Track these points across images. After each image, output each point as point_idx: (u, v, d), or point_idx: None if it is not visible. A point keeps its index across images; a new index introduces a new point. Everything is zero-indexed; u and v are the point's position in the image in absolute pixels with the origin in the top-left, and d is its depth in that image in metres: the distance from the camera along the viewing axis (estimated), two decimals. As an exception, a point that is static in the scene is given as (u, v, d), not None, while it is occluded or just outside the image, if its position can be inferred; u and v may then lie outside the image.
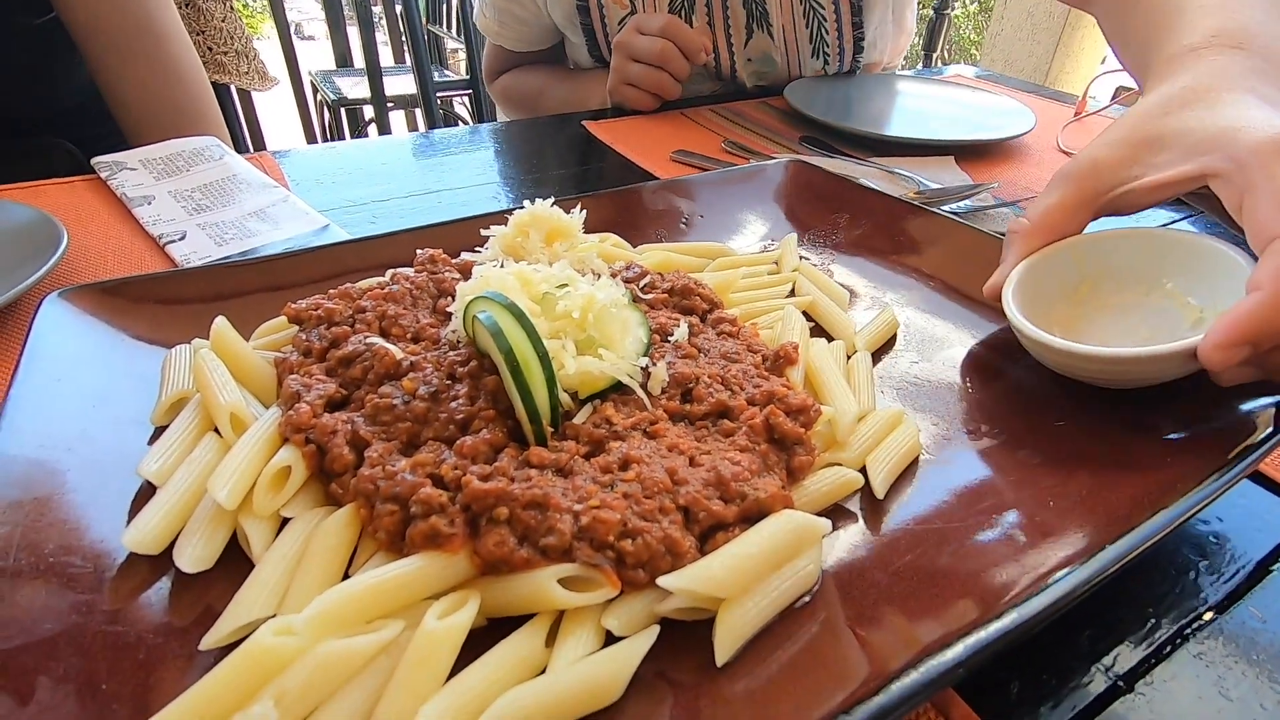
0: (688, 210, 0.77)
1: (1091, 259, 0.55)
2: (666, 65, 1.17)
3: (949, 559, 0.38)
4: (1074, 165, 0.56)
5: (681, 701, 0.32)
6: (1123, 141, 0.55)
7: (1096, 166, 0.55)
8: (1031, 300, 0.53)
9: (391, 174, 0.97)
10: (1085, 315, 0.53)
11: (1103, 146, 0.55)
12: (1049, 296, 0.54)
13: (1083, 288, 0.55)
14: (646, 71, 1.18)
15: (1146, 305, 0.53)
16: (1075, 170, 0.56)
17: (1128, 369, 0.47)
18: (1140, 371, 0.47)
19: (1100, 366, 0.47)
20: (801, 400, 0.44)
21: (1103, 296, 0.55)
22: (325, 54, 3.41)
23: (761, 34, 1.32)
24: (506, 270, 0.48)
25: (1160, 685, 0.38)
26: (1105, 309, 0.54)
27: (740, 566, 0.34)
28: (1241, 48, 0.58)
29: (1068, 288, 0.55)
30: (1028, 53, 3.49)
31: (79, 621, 0.33)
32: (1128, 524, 0.37)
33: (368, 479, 0.38)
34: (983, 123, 1.16)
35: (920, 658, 0.30)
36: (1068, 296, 0.55)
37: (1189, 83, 0.55)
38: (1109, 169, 0.54)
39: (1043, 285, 0.54)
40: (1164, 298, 0.53)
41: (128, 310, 0.54)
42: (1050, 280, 0.55)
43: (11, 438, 0.41)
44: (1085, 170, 0.55)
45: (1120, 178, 0.53)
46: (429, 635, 0.31)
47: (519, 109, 1.55)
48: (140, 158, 0.91)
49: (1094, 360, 0.46)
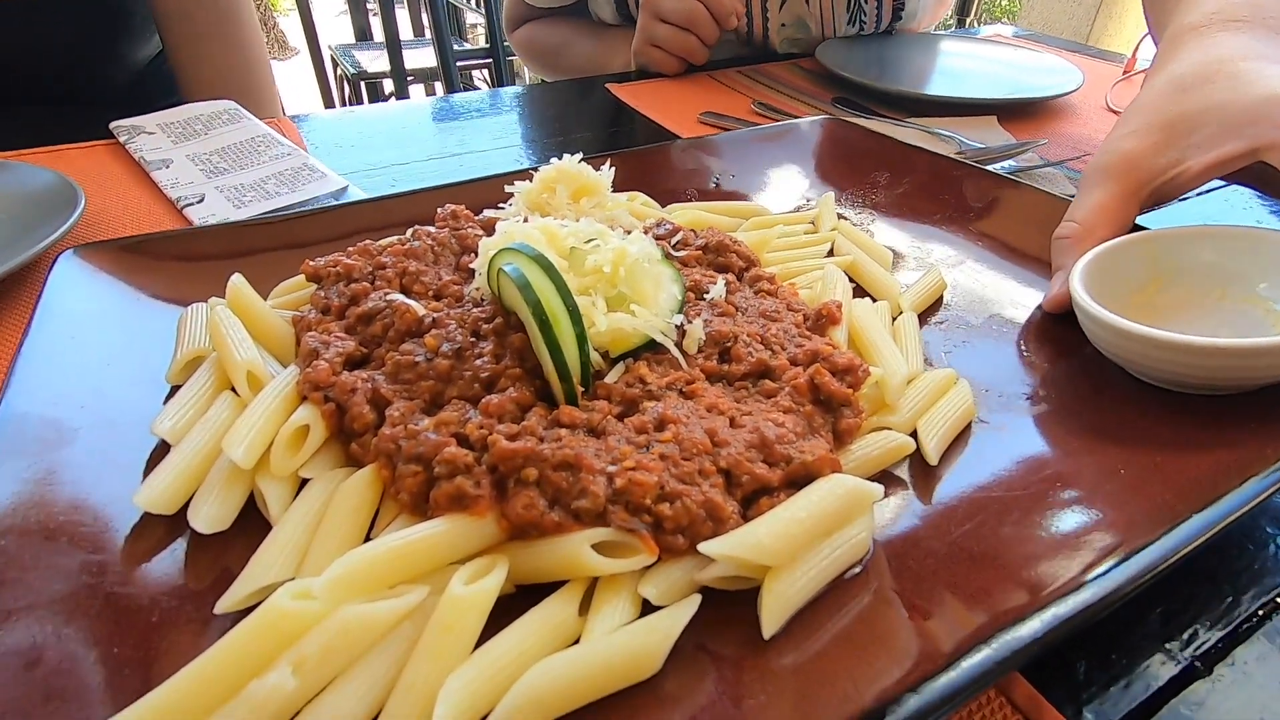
0: (718, 169, 0.74)
1: (1166, 256, 0.50)
2: (695, 28, 1.12)
3: (1011, 530, 0.35)
4: (1106, 160, 0.54)
5: (725, 676, 0.29)
6: (1150, 128, 0.53)
7: (1131, 158, 0.53)
8: (1097, 296, 0.47)
9: (412, 138, 0.94)
10: (1158, 316, 0.47)
11: (1129, 137, 0.54)
12: (1115, 293, 0.48)
13: (1150, 286, 0.50)
14: (673, 33, 1.13)
15: (1225, 308, 0.49)
16: (1109, 165, 0.54)
17: (1223, 364, 0.41)
18: (1234, 368, 0.41)
19: (1191, 360, 0.41)
20: (849, 359, 0.41)
21: (1176, 296, 0.50)
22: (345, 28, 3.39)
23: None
24: (532, 224, 0.45)
25: (1241, 668, 0.34)
26: (1179, 309, 0.49)
27: (788, 533, 0.32)
28: (1244, 21, 0.57)
29: (1135, 285, 0.50)
30: (1068, 14, 3.35)
31: (90, 583, 0.31)
32: (1213, 493, 0.34)
33: (389, 438, 0.36)
34: (1026, 81, 1.10)
35: (991, 633, 0.27)
36: (1135, 294, 0.50)
37: (1200, 59, 0.54)
38: (1145, 158, 0.52)
39: (1109, 281, 0.49)
40: (1244, 300, 0.48)
41: (144, 268, 0.52)
42: (1117, 277, 0.50)
43: (23, 395, 0.39)
44: (1120, 164, 0.53)
45: (1159, 165, 0.52)
46: (455, 601, 0.29)
47: (539, 61, 1.50)
48: (158, 121, 0.89)
49: (1186, 351, 0.41)
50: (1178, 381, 0.44)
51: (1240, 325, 0.48)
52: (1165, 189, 0.52)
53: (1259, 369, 0.41)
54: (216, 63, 1.10)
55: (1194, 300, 0.50)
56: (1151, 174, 0.52)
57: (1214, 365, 0.41)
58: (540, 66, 1.50)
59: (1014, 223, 0.61)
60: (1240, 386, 0.43)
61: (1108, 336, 0.45)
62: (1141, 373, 0.45)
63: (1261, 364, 0.40)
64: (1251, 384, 0.43)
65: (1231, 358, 0.40)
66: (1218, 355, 0.40)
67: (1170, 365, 0.43)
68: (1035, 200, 0.61)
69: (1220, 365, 0.41)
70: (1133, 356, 0.45)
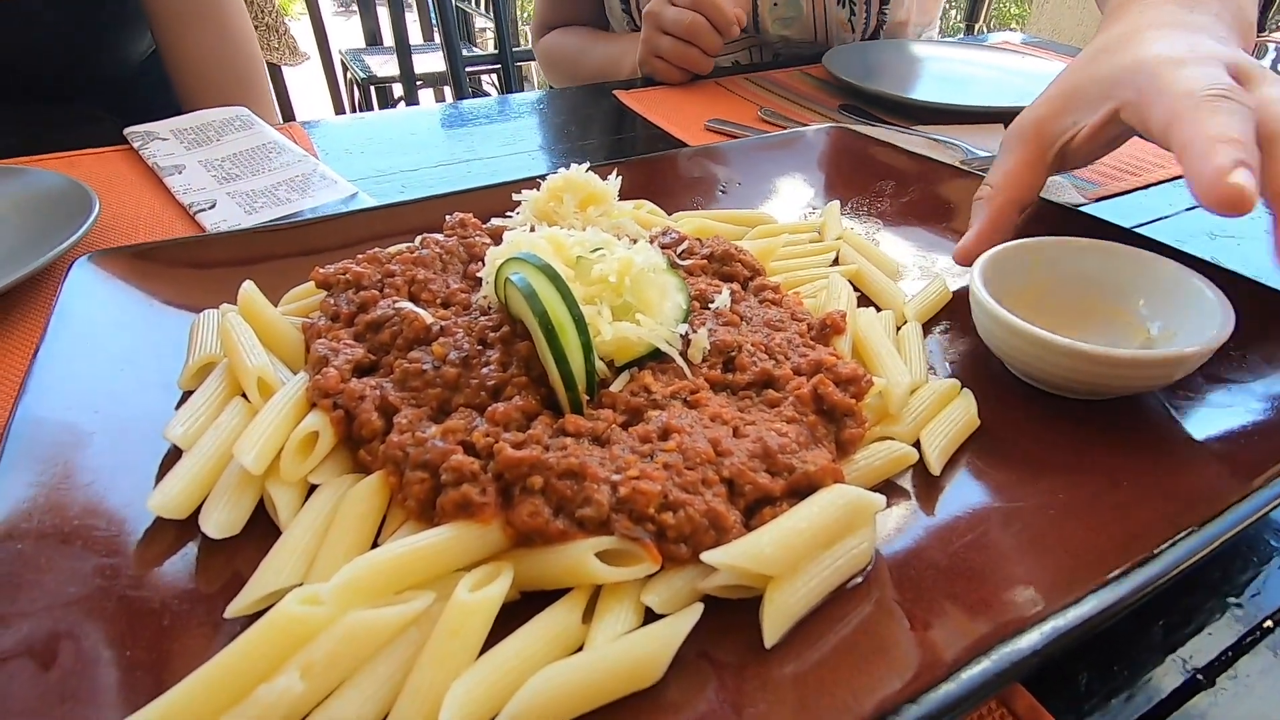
0: (724, 177, 0.74)
1: (1045, 265, 0.52)
2: (696, 40, 1.12)
3: (1014, 540, 0.36)
4: (1019, 125, 0.57)
5: (727, 684, 0.30)
6: (1056, 95, 0.56)
7: (1039, 123, 0.56)
8: (993, 294, 0.48)
9: (421, 144, 0.95)
10: (1034, 320, 0.47)
11: (1042, 103, 0.57)
12: (1006, 292, 0.49)
13: (1028, 293, 0.52)
14: (675, 45, 1.13)
15: (1095, 319, 0.51)
16: (1021, 129, 0.57)
17: (1081, 367, 0.43)
18: (1114, 376, 0.43)
19: (1061, 361, 0.43)
20: (852, 370, 0.41)
21: (1049, 303, 0.52)
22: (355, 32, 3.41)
23: None
24: (538, 234, 0.46)
25: (1244, 680, 0.34)
26: (1051, 315, 0.50)
27: (790, 542, 0.32)
28: None
29: (1017, 289, 0.51)
30: (1077, 21, 3.35)
31: (103, 586, 0.32)
32: (1215, 505, 0.34)
33: (397, 445, 0.36)
34: (1032, 89, 1.09)
35: (992, 644, 0.27)
36: (1015, 298, 0.51)
37: (1120, 29, 0.55)
38: (1047, 123, 0.55)
39: (1001, 281, 0.50)
40: (1113, 314, 0.51)
41: (157, 274, 0.53)
42: (1005, 279, 0.51)
43: (39, 399, 0.40)
44: (1029, 128, 0.56)
45: (1057, 130, 0.55)
46: (461, 607, 0.29)
47: (558, 70, 1.51)
48: (171, 128, 0.90)
49: (1060, 353, 0.43)
50: (1047, 380, 0.46)
51: (1110, 337, 0.50)
52: (1067, 153, 0.55)
53: (1114, 377, 0.43)
54: (203, 45, 1.10)
55: (1067, 308, 0.52)
56: (1052, 138, 0.55)
57: (1075, 368, 0.43)
58: (559, 75, 1.51)
59: (1017, 232, 0.61)
60: (1094, 392, 0.45)
61: (996, 331, 0.47)
62: (1018, 369, 0.48)
63: (1132, 374, 0.43)
64: (1107, 392, 0.45)
65: (1092, 363, 0.42)
66: (1081, 359, 0.42)
67: (1042, 364, 0.45)
68: (1040, 210, 0.61)
69: (1077, 368, 0.43)
70: (1013, 353, 0.47)
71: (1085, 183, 0.85)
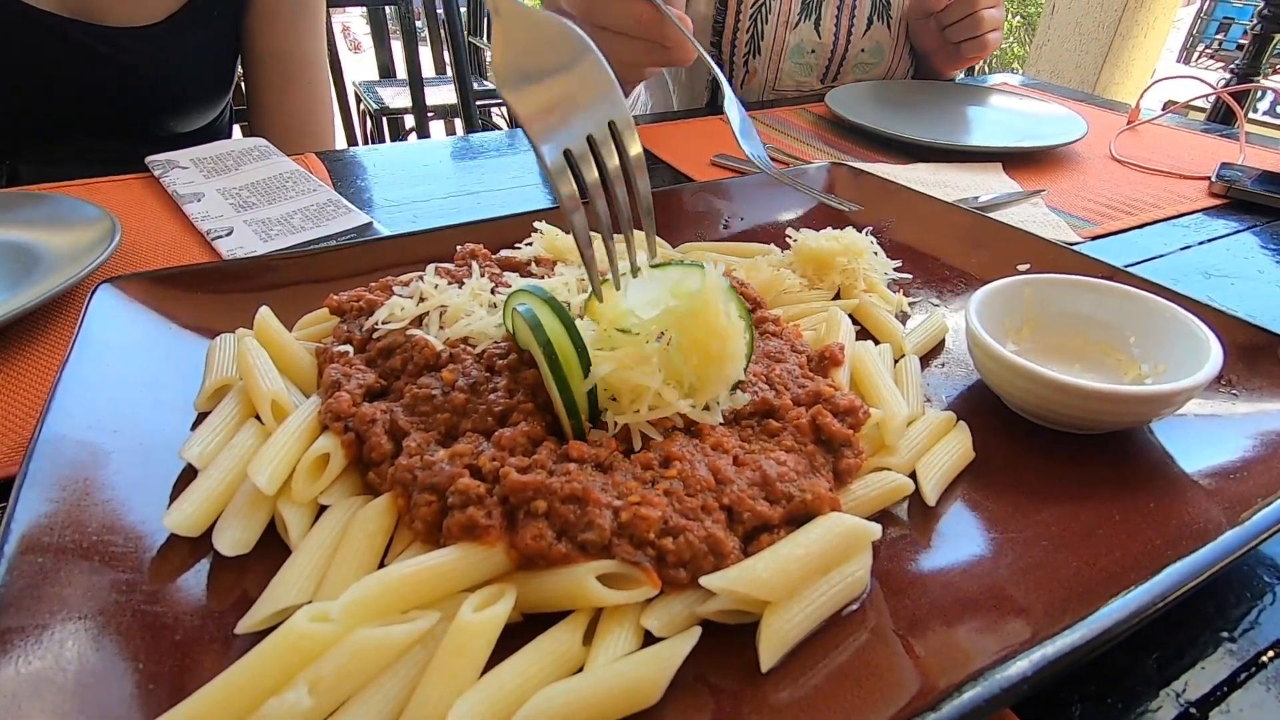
0: (728, 212, 0.76)
1: (1040, 302, 0.54)
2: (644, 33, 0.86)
3: (1007, 570, 0.36)
4: None
5: (724, 707, 0.30)
6: None
7: None
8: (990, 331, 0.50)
9: (432, 175, 0.97)
10: (1028, 355, 0.49)
11: None
12: (997, 330, 0.52)
13: (1023, 329, 0.54)
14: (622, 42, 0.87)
15: (1088, 355, 0.53)
16: None
17: (1102, 407, 0.44)
18: (1106, 411, 0.44)
19: (1072, 401, 0.44)
20: (849, 401, 0.43)
21: (1043, 339, 0.54)
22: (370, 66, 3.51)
23: (880, 25, 1.30)
24: None
25: (1237, 715, 0.35)
26: (1045, 350, 0.53)
27: (787, 569, 0.33)
28: None
29: (1012, 325, 0.54)
30: (1075, 63, 3.41)
31: (119, 600, 0.33)
32: (1204, 538, 0.34)
33: (406, 468, 0.37)
34: (1031, 130, 1.13)
35: (981, 672, 0.28)
36: (1010, 333, 0.54)
37: None
38: None
39: (994, 317, 0.52)
40: (1105, 350, 0.53)
41: (176, 299, 0.55)
42: (1000, 315, 0.53)
43: (62, 419, 0.41)
44: None
45: None
46: (465, 627, 0.30)
47: None
48: (191, 156, 0.93)
49: (1068, 392, 0.44)
50: (1041, 414, 0.47)
51: (1102, 372, 0.52)
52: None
53: (1107, 412, 0.44)
54: (296, 106, 1.21)
55: (1059, 346, 0.53)
56: None
57: (1068, 403, 0.45)
58: None
59: (1013, 269, 0.63)
60: (1087, 427, 0.46)
61: (992, 366, 0.48)
62: (1013, 403, 0.49)
63: (1111, 408, 0.44)
64: (1099, 426, 0.46)
65: (1085, 399, 0.44)
66: (1074, 394, 0.44)
67: (1036, 398, 0.46)
68: (1036, 247, 0.63)
69: (1070, 403, 0.44)
70: (1008, 388, 0.48)
71: (1082, 221, 0.87)
